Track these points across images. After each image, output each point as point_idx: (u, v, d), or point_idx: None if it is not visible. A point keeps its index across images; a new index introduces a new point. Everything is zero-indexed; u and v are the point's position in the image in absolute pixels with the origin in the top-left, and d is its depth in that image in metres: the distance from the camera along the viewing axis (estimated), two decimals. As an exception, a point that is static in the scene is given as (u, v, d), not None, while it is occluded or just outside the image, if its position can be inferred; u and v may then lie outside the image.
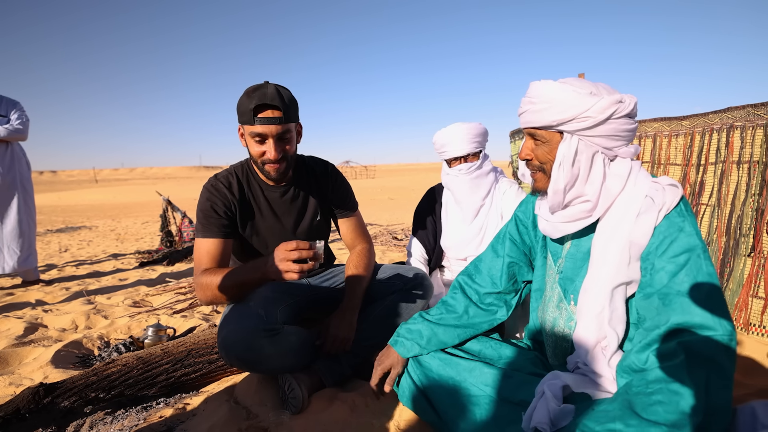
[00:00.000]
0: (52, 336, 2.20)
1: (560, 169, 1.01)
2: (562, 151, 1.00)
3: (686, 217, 0.95)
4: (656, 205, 0.95)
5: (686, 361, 0.82)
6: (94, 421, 1.32)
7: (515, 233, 1.30)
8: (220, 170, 1.57)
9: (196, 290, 1.42)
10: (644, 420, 0.79)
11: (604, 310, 1.00)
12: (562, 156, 1.00)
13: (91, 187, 41.02)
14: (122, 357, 1.47)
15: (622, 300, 1.00)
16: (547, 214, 1.11)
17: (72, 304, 2.84)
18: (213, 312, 2.46)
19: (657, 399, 0.80)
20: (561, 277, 1.13)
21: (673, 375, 0.82)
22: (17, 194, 3.29)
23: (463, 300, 1.31)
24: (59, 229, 9.31)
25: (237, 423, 1.21)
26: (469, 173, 1.81)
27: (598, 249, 1.02)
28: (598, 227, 1.04)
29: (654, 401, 0.80)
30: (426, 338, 1.25)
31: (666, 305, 0.89)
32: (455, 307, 1.31)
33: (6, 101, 3.26)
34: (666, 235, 0.94)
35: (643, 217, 0.96)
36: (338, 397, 1.33)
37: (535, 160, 1.07)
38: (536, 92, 1.02)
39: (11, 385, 1.62)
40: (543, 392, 1.00)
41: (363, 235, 1.75)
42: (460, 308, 1.30)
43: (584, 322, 1.03)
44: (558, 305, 1.14)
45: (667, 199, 0.95)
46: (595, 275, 1.02)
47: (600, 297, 1.00)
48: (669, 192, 0.96)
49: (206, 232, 1.44)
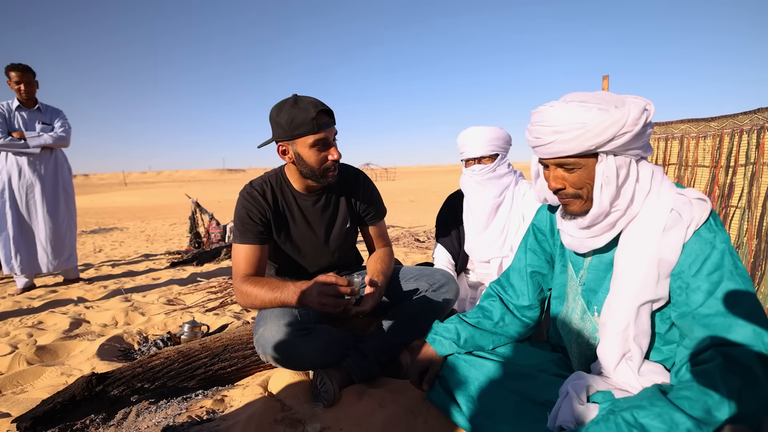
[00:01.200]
0: (95, 331, 2.34)
1: (603, 191, 0.97)
2: (602, 171, 0.96)
3: (717, 232, 0.92)
4: (684, 221, 0.92)
5: (721, 367, 0.82)
6: (140, 410, 1.42)
7: (534, 243, 1.29)
8: (241, 172, 1.64)
9: (236, 294, 1.50)
10: (670, 404, 0.81)
11: (629, 327, 0.98)
12: (605, 177, 0.96)
13: (121, 190, 42.51)
14: (164, 350, 1.57)
15: (648, 316, 0.99)
16: (572, 230, 1.07)
17: (111, 301, 2.99)
18: (243, 311, 2.56)
19: (685, 395, 0.82)
20: (584, 289, 1.12)
21: (706, 377, 0.82)
22: (61, 198, 3.49)
23: (500, 307, 1.32)
24: (93, 230, 9.73)
25: (273, 414, 1.28)
26: (480, 175, 1.84)
27: (622, 264, 1.00)
28: (621, 240, 1.02)
29: (682, 396, 0.82)
30: (463, 339, 1.26)
31: (704, 326, 0.88)
32: (492, 314, 1.31)
33: (50, 110, 3.46)
34: (698, 252, 0.91)
35: (671, 233, 0.93)
36: (367, 393, 1.39)
37: (569, 188, 1.01)
38: (557, 119, 0.95)
39: (63, 374, 1.74)
40: (567, 392, 1.01)
41: (386, 238, 1.81)
42: (496, 315, 1.30)
43: (609, 338, 1.01)
44: (582, 317, 1.13)
45: (695, 214, 0.92)
46: (619, 292, 1.00)
47: (625, 314, 0.98)
48: (697, 206, 0.93)
49: (243, 238, 1.52)
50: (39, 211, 3.39)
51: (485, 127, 1.80)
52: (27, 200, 3.35)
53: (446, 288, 1.63)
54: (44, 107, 3.43)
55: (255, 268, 1.50)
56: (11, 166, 3.31)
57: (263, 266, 1.54)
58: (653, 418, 0.80)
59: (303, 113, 1.39)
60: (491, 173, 1.83)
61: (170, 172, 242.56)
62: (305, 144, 1.43)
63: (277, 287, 1.40)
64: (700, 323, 0.88)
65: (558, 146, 0.96)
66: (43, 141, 3.31)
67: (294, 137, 1.43)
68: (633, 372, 1.00)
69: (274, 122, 1.46)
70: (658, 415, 0.80)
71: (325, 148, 1.45)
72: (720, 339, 0.85)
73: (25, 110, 3.33)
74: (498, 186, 1.84)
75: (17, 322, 2.57)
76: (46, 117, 3.42)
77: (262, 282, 1.45)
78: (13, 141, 3.24)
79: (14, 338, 2.23)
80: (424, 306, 1.59)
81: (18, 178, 3.31)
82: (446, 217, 2.09)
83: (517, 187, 1.89)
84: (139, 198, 27.40)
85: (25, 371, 1.77)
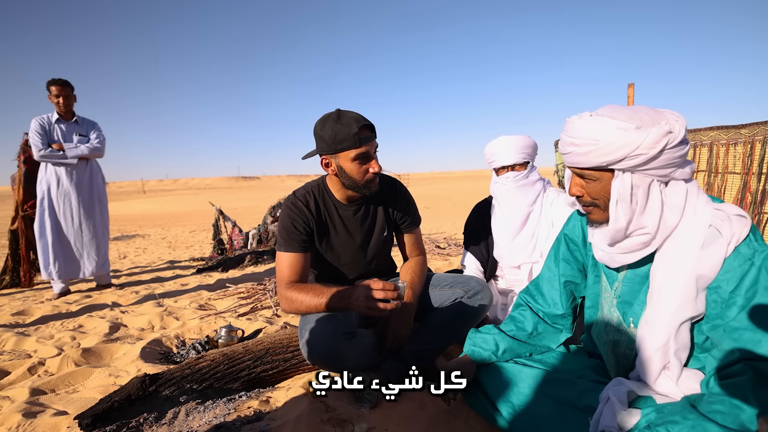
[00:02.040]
0: (134, 334, 2.43)
1: (618, 207, 0.98)
2: (617, 188, 0.97)
3: (756, 248, 0.92)
4: (724, 238, 0.92)
5: (752, 380, 0.82)
6: (188, 410, 1.48)
7: (566, 253, 1.30)
8: (256, 180, 1.70)
9: (281, 300, 1.56)
10: (702, 416, 0.82)
11: (669, 342, 0.99)
12: (618, 194, 0.97)
13: (140, 198, 43.43)
14: (210, 353, 1.63)
15: (687, 332, 0.99)
16: (602, 245, 1.08)
17: (144, 306, 3.09)
18: (274, 316, 2.63)
19: (717, 408, 0.83)
20: (619, 302, 1.12)
21: (737, 390, 0.83)
22: (96, 206, 3.63)
23: (532, 317, 1.33)
24: (116, 237, 9.99)
25: (319, 414, 1.33)
26: (515, 181, 1.88)
27: (659, 281, 1.00)
28: (657, 256, 1.02)
29: (714, 410, 0.83)
30: (502, 349, 1.29)
31: (734, 339, 0.89)
32: (525, 324, 1.32)
33: (87, 122, 3.62)
34: (737, 268, 0.91)
35: (711, 250, 0.93)
36: (406, 395, 1.43)
37: (586, 197, 1.04)
38: (577, 132, 0.98)
39: (111, 376, 1.82)
40: (608, 398, 1.03)
41: (421, 247, 1.85)
42: (529, 325, 1.32)
43: (648, 352, 1.02)
44: (618, 328, 1.13)
45: (735, 230, 0.92)
46: (657, 309, 1.00)
47: (665, 331, 0.99)
48: (737, 223, 0.93)
49: (287, 246, 1.58)
50: (75, 218, 3.53)
51: (515, 136, 1.84)
52: (64, 208, 3.50)
53: (481, 295, 1.66)
54: (81, 119, 3.59)
55: (299, 275, 1.56)
56: (50, 176, 3.46)
57: (306, 273, 1.60)
58: (688, 430, 0.82)
59: (346, 128, 1.44)
60: (525, 180, 1.87)
61: (186, 180, 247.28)
62: (347, 158, 1.48)
63: (321, 293, 1.46)
64: (730, 336, 0.89)
65: (574, 157, 1.00)
66: (80, 152, 3.46)
67: (337, 151, 1.48)
68: (672, 381, 1.01)
69: (318, 136, 1.52)
70: (691, 428, 0.82)
71: (366, 162, 1.50)
72: (749, 353, 0.86)
73: (64, 123, 3.49)
74: (532, 192, 1.88)
75: (59, 326, 2.68)
76: (83, 129, 3.57)
77: (307, 288, 1.50)
78: (53, 152, 3.39)
79: (59, 341, 2.33)
80: (460, 312, 1.63)
81: (57, 187, 3.46)
82: (475, 226, 2.13)
83: (546, 194, 1.93)
84: (158, 206, 27.97)
85: (75, 372, 1.86)
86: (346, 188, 1.58)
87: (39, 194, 3.48)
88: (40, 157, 3.41)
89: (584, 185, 1.04)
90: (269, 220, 5.58)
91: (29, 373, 1.92)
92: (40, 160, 3.45)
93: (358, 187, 1.55)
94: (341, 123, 1.45)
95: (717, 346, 0.93)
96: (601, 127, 0.94)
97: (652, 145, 0.91)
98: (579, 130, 0.97)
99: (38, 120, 3.42)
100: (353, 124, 1.44)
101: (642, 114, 0.94)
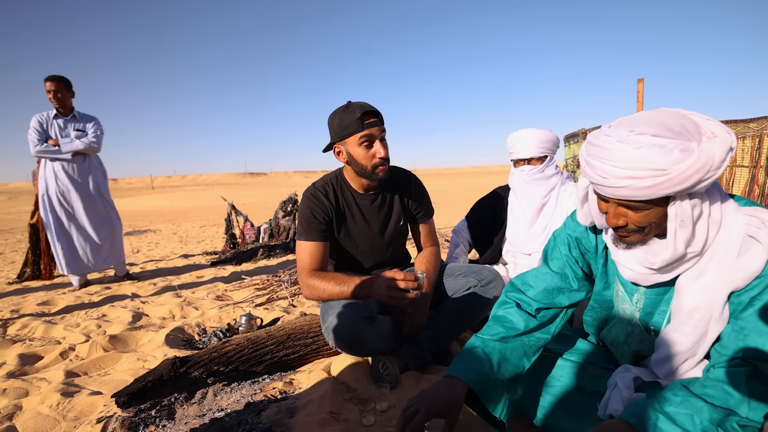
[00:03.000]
0: (156, 323, 2.52)
1: (678, 235, 0.89)
2: (678, 215, 0.87)
3: None
4: (762, 246, 0.85)
5: (748, 373, 0.84)
6: (216, 391, 1.57)
7: (577, 254, 1.21)
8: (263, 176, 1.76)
9: (302, 287, 1.64)
10: (692, 393, 0.85)
11: (691, 355, 0.97)
12: (680, 221, 0.87)
13: (149, 194, 43.89)
14: (234, 338, 1.71)
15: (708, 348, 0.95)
16: (634, 265, 0.99)
17: (163, 297, 3.19)
18: (290, 306, 2.71)
19: (708, 392, 0.85)
20: (642, 315, 1.08)
21: (732, 379, 0.85)
22: (97, 201, 3.67)
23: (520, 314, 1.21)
24: (128, 232, 10.15)
25: (341, 394, 1.41)
26: (529, 175, 1.95)
27: (689, 300, 0.94)
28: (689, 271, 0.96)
29: (705, 393, 0.85)
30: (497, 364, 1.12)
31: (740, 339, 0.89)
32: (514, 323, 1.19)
33: (85, 117, 3.62)
34: (765, 274, 0.86)
35: (746, 259, 0.87)
36: (423, 378, 1.51)
37: (630, 225, 0.93)
38: (632, 163, 0.83)
39: (139, 360, 1.91)
40: (615, 384, 1.07)
41: (434, 237, 1.92)
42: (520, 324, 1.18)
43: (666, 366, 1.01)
44: (641, 339, 1.10)
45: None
46: (687, 323, 0.95)
47: (688, 350, 0.96)
48: None
49: (308, 235, 1.65)
50: (75, 214, 3.58)
51: (536, 130, 1.90)
52: (63, 204, 3.54)
53: (494, 284, 1.72)
54: (80, 115, 3.61)
55: (319, 264, 1.64)
56: (49, 172, 3.51)
57: (326, 261, 1.67)
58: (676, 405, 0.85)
59: (350, 115, 1.54)
60: (539, 174, 1.93)
61: (194, 176, 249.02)
62: (354, 142, 1.57)
63: (343, 281, 1.53)
64: (737, 334, 0.89)
65: (629, 192, 0.85)
66: (74, 146, 3.48)
67: (344, 137, 1.58)
68: (681, 375, 1.03)
69: (330, 126, 1.62)
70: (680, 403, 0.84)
71: (371, 145, 1.57)
72: (752, 351, 0.87)
73: (62, 118, 3.52)
74: (545, 186, 1.94)
75: (83, 315, 2.79)
76: (81, 124, 3.58)
77: (329, 276, 1.58)
78: (47, 147, 3.43)
79: (85, 329, 2.43)
80: (474, 300, 1.70)
81: (55, 183, 3.51)
82: (486, 205, 2.26)
83: (564, 187, 1.98)
84: (167, 201, 28.25)
85: (105, 357, 1.95)
86: (359, 176, 1.65)
87: (40, 191, 3.52)
88: (35, 153, 3.44)
89: (628, 214, 0.92)
90: (280, 215, 5.67)
91: (61, 358, 2.02)
92: (36, 156, 3.49)
93: (368, 174, 1.61)
94: (348, 111, 1.55)
95: (722, 342, 0.94)
96: (662, 153, 0.80)
97: (719, 164, 0.81)
98: (633, 159, 0.83)
99: (37, 117, 3.46)
100: (357, 111, 1.53)
101: (680, 127, 0.83)
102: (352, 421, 1.27)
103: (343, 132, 1.57)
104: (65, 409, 1.49)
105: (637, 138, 0.83)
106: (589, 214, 1.08)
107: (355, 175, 1.67)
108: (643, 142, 0.82)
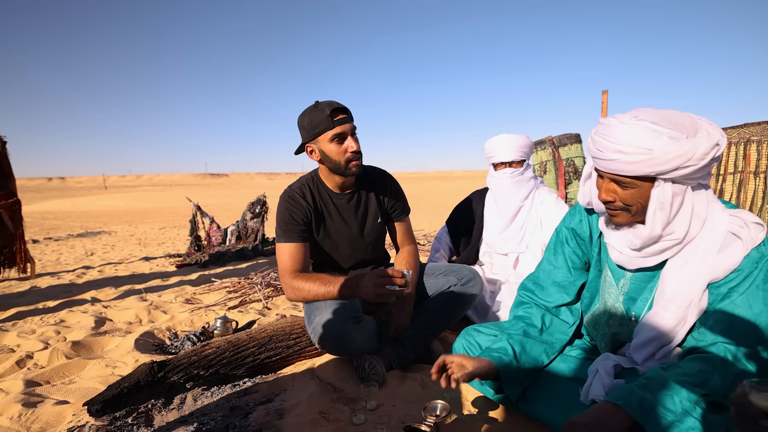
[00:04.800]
0: (122, 328, 2.40)
1: (656, 215, 0.98)
2: (658, 196, 0.97)
3: (764, 253, 0.97)
4: (744, 243, 0.96)
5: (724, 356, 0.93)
6: (195, 395, 1.52)
7: (575, 246, 1.29)
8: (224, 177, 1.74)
9: (285, 289, 1.62)
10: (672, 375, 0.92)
11: (668, 336, 1.04)
12: (659, 202, 0.97)
13: (102, 194, 41.53)
14: (214, 341, 1.67)
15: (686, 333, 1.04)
16: (622, 247, 1.08)
17: (127, 300, 3.04)
18: (265, 308, 2.66)
19: (687, 375, 0.93)
20: (625, 299, 1.15)
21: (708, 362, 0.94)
22: None
23: (539, 311, 1.31)
24: (80, 234, 9.58)
25: (329, 394, 1.41)
26: (511, 177, 2.03)
27: (673, 285, 1.03)
28: (671, 260, 1.05)
29: (684, 375, 0.93)
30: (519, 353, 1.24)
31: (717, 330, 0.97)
32: (533, 320, 1.29)
33: None
34: (743, 268, 0.96)
35: (727, 254, 0.97)
36: (408, 376, 1.53)
37: (618, 202, 1.02)
38: (624, 138, 0.94)
39: (107, 366, 1.82)
40: (597, 370, 1.14)
41: (411, 237, 1.94)
42: (538, 321, 1.29)
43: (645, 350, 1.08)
44: (621, 322, 1.17)
45: (753, 236, 0.96)
46: (667, 308, 1.03)
47: (670, 332, 1.03)
48: (754, 230, 0.97)
49: (287, 237, 1.64)
50: None
51: (515, 135, 1.99)
52: None
53: (473, 282, 1.77)
54: None
55: (301, 265, 1.62)
56: None
57: (307, 262, 1.66)
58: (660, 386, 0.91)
59: (320, 113, 1.56)
60: (520, 176, 2.01)
61: (151, 176, 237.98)
62: (326, 140, 1.58)
63: (328, 281, 1.53)
64: (715, 324, 0.98)
65: (618, 165, 0.96)
66: None
67: (315, 136, 1.59)
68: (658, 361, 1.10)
69: (300, 126, 1.63)
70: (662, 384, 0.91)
71: (343, 141, 1.58)
72: (728, 337, 0.96)
73: None
74: (526, 188, 2.02)
75: (38, 321, 2.61)
76: None
77: (313, 277, 1.57)
78: None
79: (42, 335, 2.28)
80: (454, 299, 1.74)
81: None
82: (465, 209, 2.33)
83: (537, 191, 2.07)
84: (122, 202, 26.85)
85: (69, 364, 1.84)
86: (334, 173, 1.65)
87: None
88: None
89: (617, 191, 1.01)
90: (248, 216, 5.54)
91: (18, 366, 1.89)
92: None
93: (342, 170, 1.62)
94: (317, 110, 1.57)
95: (700, 329, 1.02)
96: (653, 135, 0.92)
97: (702, 156, 0.91)
98: (626, 137, 0.94)
99: None
100: (327, 108, 1.55)
101: (680, 120, 0.93)
102: (342, 421, 1.27)
103: (315, 130, 1.58)
104: (29, 420, 1.39)
105: (636, 122, 0.94)
106: (587, 194, 1.18)
107: (330, 173, 1.67)
108: (639, 125, 0.93)
